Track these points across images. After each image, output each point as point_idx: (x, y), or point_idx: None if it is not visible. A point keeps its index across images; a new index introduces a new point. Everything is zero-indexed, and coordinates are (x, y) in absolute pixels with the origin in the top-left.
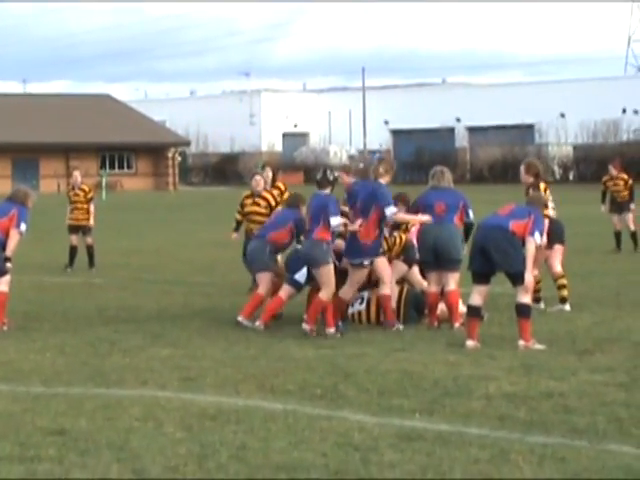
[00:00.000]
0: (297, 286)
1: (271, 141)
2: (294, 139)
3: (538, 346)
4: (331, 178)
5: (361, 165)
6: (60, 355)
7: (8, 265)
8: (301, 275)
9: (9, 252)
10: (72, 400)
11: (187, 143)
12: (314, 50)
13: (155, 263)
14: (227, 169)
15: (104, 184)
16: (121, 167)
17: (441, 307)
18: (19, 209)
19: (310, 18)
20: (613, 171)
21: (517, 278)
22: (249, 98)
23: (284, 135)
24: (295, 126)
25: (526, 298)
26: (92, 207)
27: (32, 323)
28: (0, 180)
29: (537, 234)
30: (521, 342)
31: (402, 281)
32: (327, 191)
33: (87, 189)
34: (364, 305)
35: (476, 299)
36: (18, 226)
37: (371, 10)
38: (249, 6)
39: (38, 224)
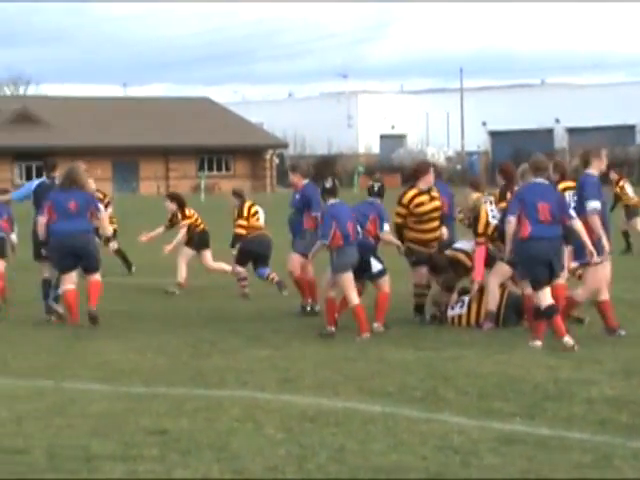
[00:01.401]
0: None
1: (368, 143)
2: (391, 141)
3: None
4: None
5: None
6: (161, 356)
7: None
8: (377, 264)
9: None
10: (173, 400)
11: (285, 145)
12: (412, 51)
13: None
14: (325, 172)
15: (202, 186)
16: (219, 169)
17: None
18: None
19: (409, 19)
20: None
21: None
22: (346, 100)
23: (381, 137)
24: (392, 128)
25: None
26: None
27: (133, 324)
28: (101, 182)
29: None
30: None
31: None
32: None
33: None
34: (465, 308)
35: (547, 298)
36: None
37: (470, 11)
38: (347, 7)
39: (137, 226)
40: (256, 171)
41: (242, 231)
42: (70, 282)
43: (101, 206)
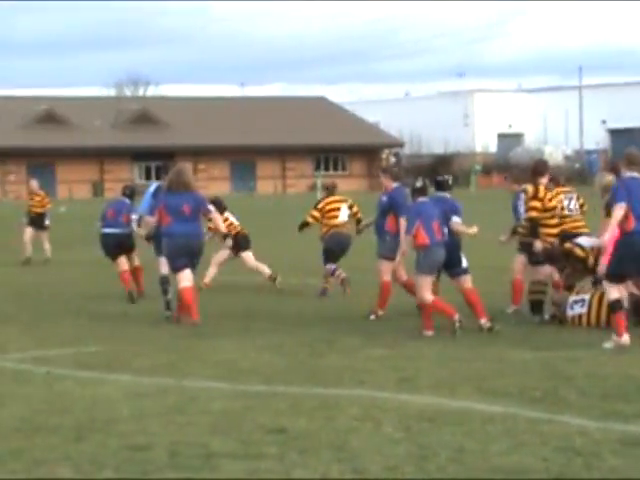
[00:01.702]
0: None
1: (485, 142)
2: (509, 140)
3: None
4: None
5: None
6: (278, 355)
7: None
8: (464, 260)
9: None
10: (291, 399)
11: (401, 144)
12: (530, 49)
13: (365, 264)
14: (441, 170)
15: (319, 185)
16: (335, 168)
17: None
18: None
19: (527, 16)
20: None
21: None
22: (463, 99)
23: (499, 136)
24: (510, 126)
25: None
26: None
27: (251, 323)
28: (219, 182)
29: None
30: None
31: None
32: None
33: (43, 194)
34: (585, 308)
35: (619, 292)
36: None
37: (588, 7)
38: (465, 5)
39: (254, 225)
40: (372, 170)
41: (310, 219)
42: (186, 280)
43: (211, 206)
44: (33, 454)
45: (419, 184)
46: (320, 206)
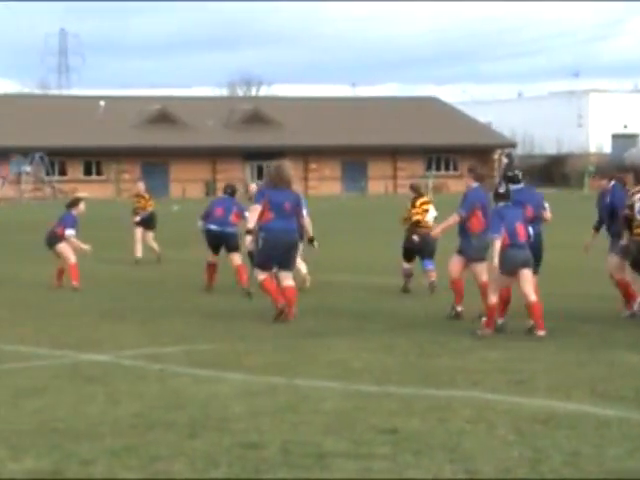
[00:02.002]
0: None
1: (599, 143)
2: (624, 140)
3: None
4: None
5: None
6: (390, 355)
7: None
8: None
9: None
10: (403, 400)
11: (513, 145)
12: None
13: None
14: (554, 171)
15: (430, 186)
16: (447, 169)
17: None
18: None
19: None
20: None
21: None
22: (577, 99)
23: (613, 136)
24: (625, 127)
25: None
26: None
27: (363, 323)
28: (330, 182)
29: None
30: None
31: None
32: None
33: (147, 197)
34: None
35: None
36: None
37: None
38: (581, 5)
39: (365, 225)
40: (484, 171)
41: (419, 217)
42: (265, 273)
43: (305, 211)
44: (148, 450)
45: (502, 190)
46: (416, 205)
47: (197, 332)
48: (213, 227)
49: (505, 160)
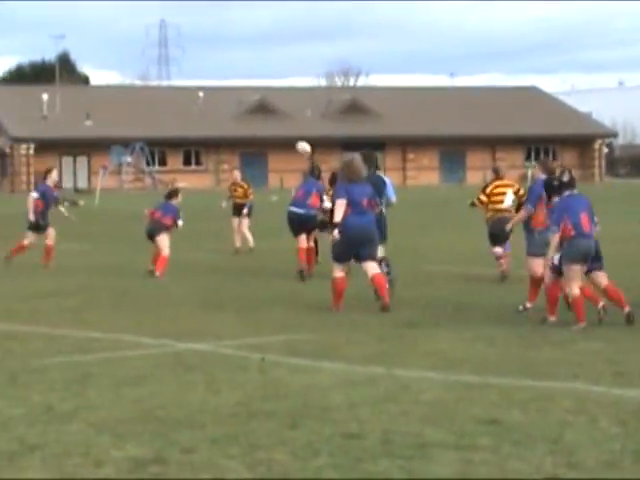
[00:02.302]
0: None
1: None
2: None
3: None
4: None
5: None
6: (490, 346)
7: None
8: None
9: None
10: (503, 391)
11: (614, 135)
12: None
13: None
14: None
15: (529, 176)
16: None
17: None
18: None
19: None
20: None
21: None
22: None
23: None
24: None
25: None
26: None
27: (462, 313)
28: (428, 172)
29: None
30: None
31: None
32: None
33: (246, 186)
34: None
35: None
36: None
37: None
38: None
39: (461, 214)
40: (584, 161)
41: (477, 202)
42: (341, 270)
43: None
44: (249, 439)
45: (566, 178)
46: (488, 190)
47: (297, 322)
48: (293, 209)
49: (605, 150)
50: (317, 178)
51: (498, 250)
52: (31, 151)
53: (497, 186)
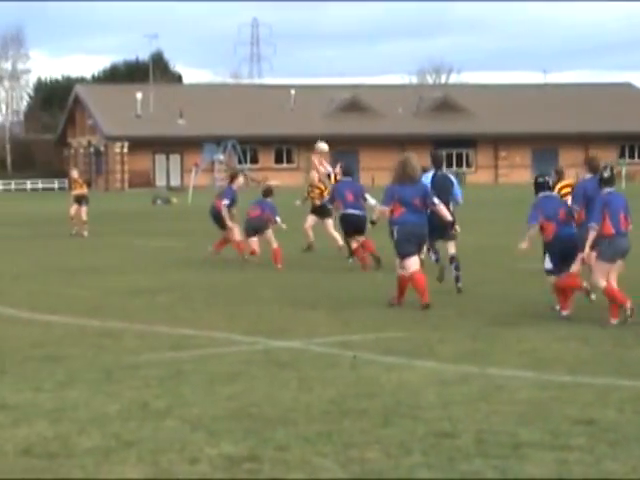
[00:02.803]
0: None
1: None
2: None
3: None
4: None
5: None
6: (584, 345)
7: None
8: None
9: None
10: (598, 390)
11: None
12: None
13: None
14: None
15: (623, 174)
16: None
17: None
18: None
19: None
20: None
21: None
22: None
23: None
24: None
25: None
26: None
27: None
28: (520, 170)
29: None
30: None
31: None
32: None
33: (323, 187)
34: None
35: None
36: None
37: None
38: None
39: None
40: None
41: None
42: (415, 265)
43: (436, 199)
44: (342, 437)
45: (606, 174)
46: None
47: (388, 319)
48: (351, 211)
49: None
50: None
51: None
52: (125, 149)
53: (563, 187)
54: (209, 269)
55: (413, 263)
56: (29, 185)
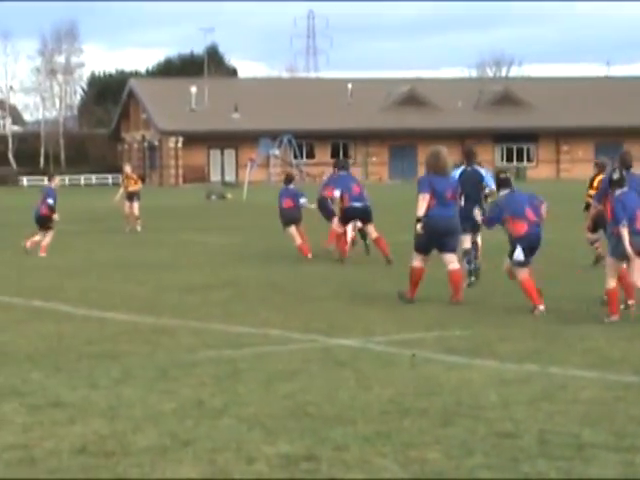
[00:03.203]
0: None
1: None
2: None
3: None
4: None
5: None
6: None
7: None
8: None
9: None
10: None
11: None
12: None
13: None
14: None
15: None
16: None
17: None
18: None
19: None
20: None
21: None
22: None
23: None
24: None
25: None
26: None
27: (620, 311)
28: (583, 164)
29: None
30: None
31: None
32: None
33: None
34: None
35: None
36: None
37: None
38: None
39: None
40: None
41: (589, 199)
42: (421, 261)
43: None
44: (401, 437)
45: (616, 176)
46: (595, 184)
47: (448, 317)
48: (357, 204)
49: None
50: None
51: (593, 236)
52: (179, 144)
53: (602, 180)
54: (264, 265)
55: (417, 260)
56: (83, 180)
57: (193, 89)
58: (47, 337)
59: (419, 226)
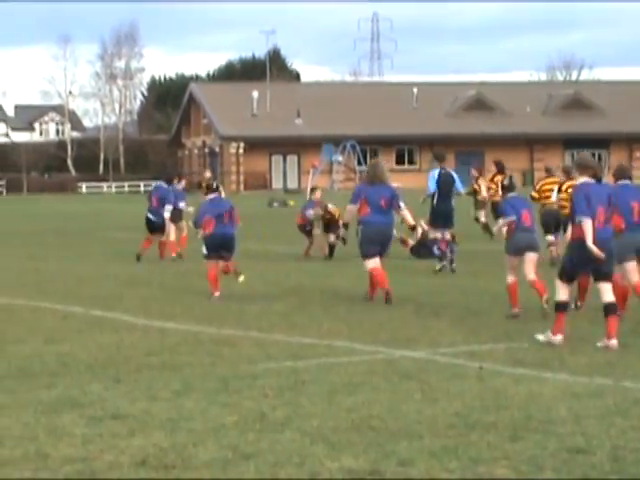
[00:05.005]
0: None
1: None
2: None
3: None
4: None
5: None
6: None
7: None
8: None
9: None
10: None
11: None
12: None
13: None
14: None
15: None
16: None
17: None
18: None
19: None
20: None
21: None
22: None
23: None
24: None
25: None
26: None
27: None
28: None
29: None
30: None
31: None
32: None
33: None
34: None
35: None
36: None
37: None
38: None
39: None
40: None
41: (530, 198)
42: (375, 263)
43: (402, 202)
44: (468, 452)
45: (506, 182)
46: (538, 187)
47: (516, 329)
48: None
49: None
50: None
51: (551, 238)
52: (241, 150)
53: (546, 183)
54: (326, 274)
55: (373, 262)
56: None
57: (255, 94)
58: (107, 347)
59: (342, 231)
